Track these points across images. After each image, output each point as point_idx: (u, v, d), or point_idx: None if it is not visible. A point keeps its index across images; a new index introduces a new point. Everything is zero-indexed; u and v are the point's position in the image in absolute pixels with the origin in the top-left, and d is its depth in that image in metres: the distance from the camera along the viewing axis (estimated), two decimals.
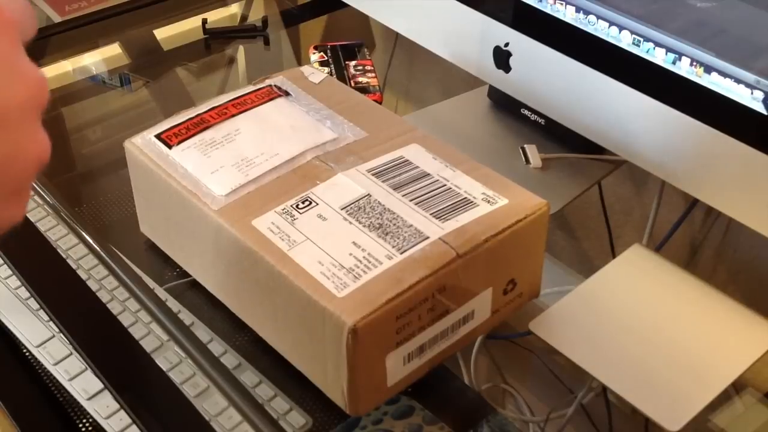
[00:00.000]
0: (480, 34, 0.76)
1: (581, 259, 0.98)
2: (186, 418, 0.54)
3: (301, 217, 0.58)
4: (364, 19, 1.07)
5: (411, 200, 0.59)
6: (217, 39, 1.10)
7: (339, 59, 0.94)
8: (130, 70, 1.06)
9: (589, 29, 0.66)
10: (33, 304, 0.68)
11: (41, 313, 0.67)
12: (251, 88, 0.71)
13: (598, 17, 0.65)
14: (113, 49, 1.09)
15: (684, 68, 0.60)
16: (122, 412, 0.58)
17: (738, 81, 0.57)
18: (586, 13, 0.66)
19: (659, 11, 0.61)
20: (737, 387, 0.64)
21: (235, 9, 1.19)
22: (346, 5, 0.91)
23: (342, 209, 0.58)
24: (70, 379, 0.62)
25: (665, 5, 0.61)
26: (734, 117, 0.59)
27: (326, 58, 0.94)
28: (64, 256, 0.71)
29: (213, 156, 0.63)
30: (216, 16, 1.14)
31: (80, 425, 0.60)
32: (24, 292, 0.69)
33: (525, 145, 0.80)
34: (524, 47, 0.72)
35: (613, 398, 0.69)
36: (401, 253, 0.55)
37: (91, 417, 0.60)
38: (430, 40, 0.82)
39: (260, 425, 0.53)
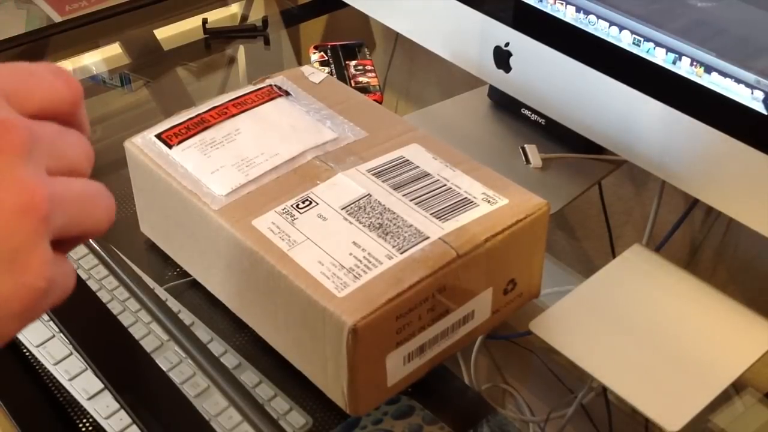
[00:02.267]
0: (480, 34, 0.76)
1: (581, 259, 0.97)
2: (186, 418, 0.54)
3: (301, 217, 0.58)
4: (364, 19, 1.07)
5: (411, 200, 0.59)
6: (217, 39, 1.10)
7: (339, 59, 0.94)
8: (130, 70, 1.06)
9: (590, 29, 0.66)
10: None
11: None
12: (251, 88, 0.71)
13: (599, 17, 0.65)
14: (113, 49, 1.09)
15: (684, 68, 0.60)
16: (122, 412, 0.58)
17: (738, 81, 0.57)
18: (587, 13, 0.66)
19: (659, 11, 0.61)
20: (737, 387, 0.64)
21: (235, 9, 1.19)
22: (346, 5, 0.91)
23: (342, 209, 0.58)
24: (70, 379, 0.62)
25: (665, 5, 0.61)
26: (734, 117, 0.58)
27: (326, 57, 0.94)
28: None
29: (213, 156, 0.63)
30: (216, 16, 1.14)
31: (80, 425, 0.60)
32: None
33: (525, 145, 0.80)
34: (524, 47, 0.72)
35: (613, 398, 0.68)
36: (401, 253, 0.55)
37: (91, 417, 0.60)
38: (430, 40, 0.82)
39: (260, 425, 0.53)
